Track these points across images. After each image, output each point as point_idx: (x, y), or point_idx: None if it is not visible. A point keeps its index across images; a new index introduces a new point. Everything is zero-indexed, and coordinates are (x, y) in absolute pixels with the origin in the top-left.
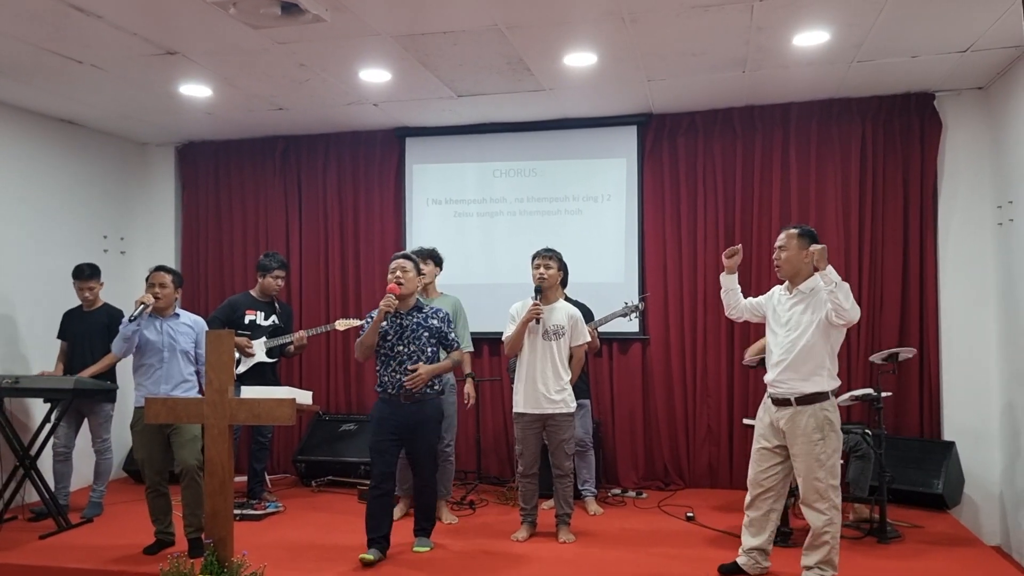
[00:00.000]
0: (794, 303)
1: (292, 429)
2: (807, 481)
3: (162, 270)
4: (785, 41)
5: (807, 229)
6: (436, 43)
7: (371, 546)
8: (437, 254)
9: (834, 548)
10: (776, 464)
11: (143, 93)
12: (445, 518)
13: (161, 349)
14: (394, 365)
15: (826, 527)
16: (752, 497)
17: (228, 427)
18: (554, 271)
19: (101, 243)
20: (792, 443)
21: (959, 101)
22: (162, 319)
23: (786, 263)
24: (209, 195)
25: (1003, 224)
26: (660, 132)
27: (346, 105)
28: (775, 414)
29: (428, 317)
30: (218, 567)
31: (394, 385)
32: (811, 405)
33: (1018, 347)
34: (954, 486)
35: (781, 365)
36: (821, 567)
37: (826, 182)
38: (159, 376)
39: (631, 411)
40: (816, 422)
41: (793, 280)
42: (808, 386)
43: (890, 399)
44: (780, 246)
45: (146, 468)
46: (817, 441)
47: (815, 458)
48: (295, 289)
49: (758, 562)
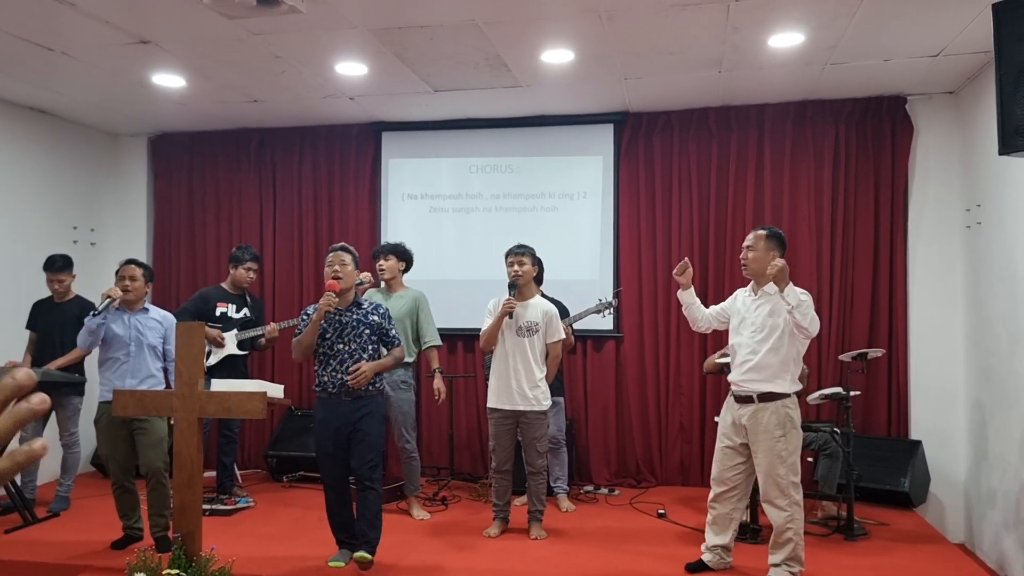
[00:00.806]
0: (760, 304)
1: (263, 424)
2: (768, 478)
3: (132, 263)
4: (760, 42)
5: (776, 231)
6: (413, 37)
7: (340, 547)
8: (401, 249)
9: (799, 544)
10: (740, 463)
11: (115, 82)
12: (416, 514)
13: (128, 343)
14: (334, 364)
15: (788, 523)
16: (716, 495)
17: (197, 420)
18: (528, 267)
19: (71, 234)
20: (754, 440)
21: (930, 105)
22: (130, 313)
23: (753, 262)
24: (182, 187)
25: (971, 227)
26: (636, 130)
27: (322, 98)
28: (737, 412)
29: (368, 313)
30: (186, 562)
31: (335, 384)
32: (773, 402)
33: (984, 348)
34: (920, 485)
35: (746, 366)
36: (788, 563)
37: (799, 183)
38: (124, 370)
39: (604, 408)
40: (778, 419)
41: (759, 281)
42: (772, 386)
43: (859, 398)
44: (748, 246)
45: (111, 465)
46: (779, 438)
47: (776, 455)
48: (268, 282)
49: (722, 558)
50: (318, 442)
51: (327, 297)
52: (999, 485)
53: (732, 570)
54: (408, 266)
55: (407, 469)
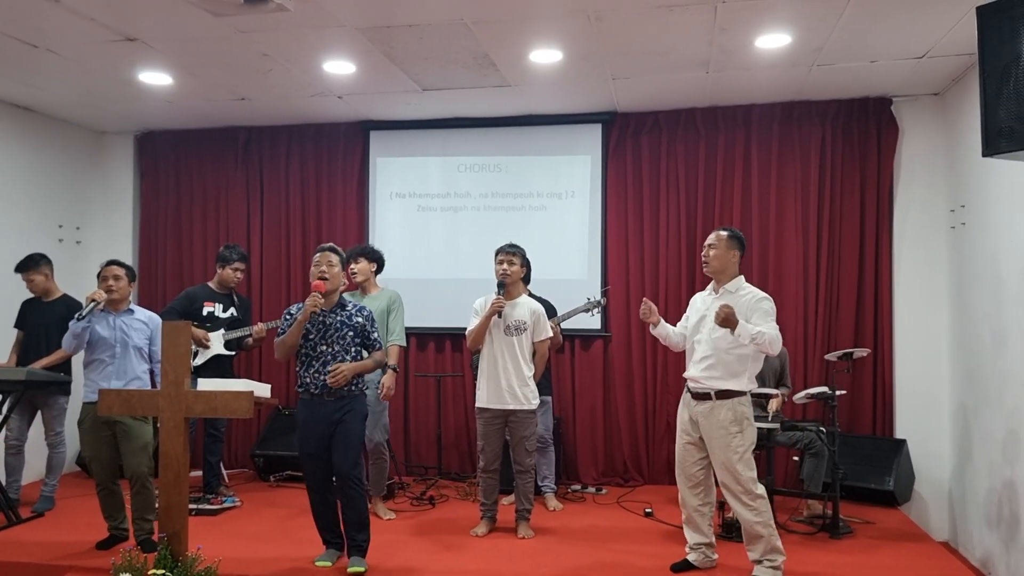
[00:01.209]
0: (720, 302)
1: (250, 423)
2: (727, 474)
3: (115, 264)
4: (748, 43)
5: (737, 233)
6: (402, 36)
7: (327, 547)
8: (371, 250)
9: (772, 535)
10: (702, 457)
11: (101, 80)
12: (383, 514)
13: (113, 344)
14: (317, 366)
15: (756, 519)
16: (685, 493)
17: (184, 420)
18: (517, 267)
19: (56, 232)
20: (709, 436)
21: (915, 106)
22: (115, 314)
23: (714, 259)
24: (169, 185)
25: (956, 227)
26: (624, 130)
27: (310, 97)
28: (694, 408)
29: (352, 315)
30: (172, 562)
31: (317, 385)
32: (729, 400)
33: (969, 348)
34: (905, 483)
35: (705, 363)
36: (768, 558)
37: (786, 183)
38: (110, 372)
39: (592, 408)
40: (734, 415)
41: (719, 279)
42: (729, 384)
43: (844, 397)
44: (710, 244)
45: (94, 466)
46: (735, 434)
47: (733, 451)
48: (255, 282)
49: (707, 556)
50: (301, 443)
51: (313, 298)
52: (983, 484)
53: (719, 568)
54: (380, 267)
55: (375, 469)
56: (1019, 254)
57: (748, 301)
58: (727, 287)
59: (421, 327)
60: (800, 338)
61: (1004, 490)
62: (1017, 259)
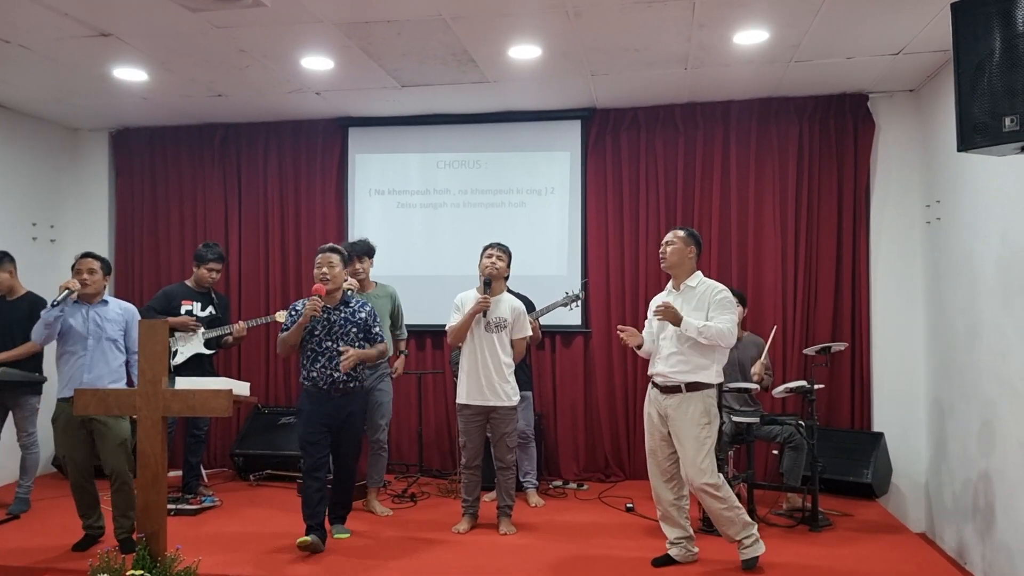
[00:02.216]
0: (683, 299)
1: (229, 422)
2: (693, 466)
3: (90, 256)
4: (726, 39)
5: (693, 232)
6: (380, 32)
7: (309, 532)
8: (370, 246)
9: (740, 512)
10: (673, 451)
11: (75, 76)
12: (379, 510)
13: (86, 336)
14: (323, 361)
15: (723, 505)
16: (660, 488)
17: (162, 419)
18: (504, 264)
19: (30, 230)
20: (678, 428)
21: (891, 102)
22: (88, 306)
23: (672, 255)
24: (145, 183)
25: (931, 222)
26: (604, 127)
27: (288, 93)
28: (664, 402)
29: (356, 311)
30: (150, 562)
31: (324, 380)
32: (699, 392)
33: (944, 342)
34: (883, 476)
35: (673, 359)
36: (743, 539)
37: (764, 179)
38: (82, 364)
39: (573, 403)
40: (704, 407)
41: (677, 276)
42: (699, 376)
43: (823, 391)
44: (667, 241)
45: (69, 465)
46: (704, 425)
47: (701, 442)
48: (234, 280)
49: (688, 550)
50: (305, 429)
51: (313, 303)
52: (958, 475)
53: (700, 561)
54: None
55: (375, 461)
56: (993, 248)
57: (706, 294)
58: (687, 283)
59: None
60: (778, 332)
61: (979, 482)
62: (991, 253)
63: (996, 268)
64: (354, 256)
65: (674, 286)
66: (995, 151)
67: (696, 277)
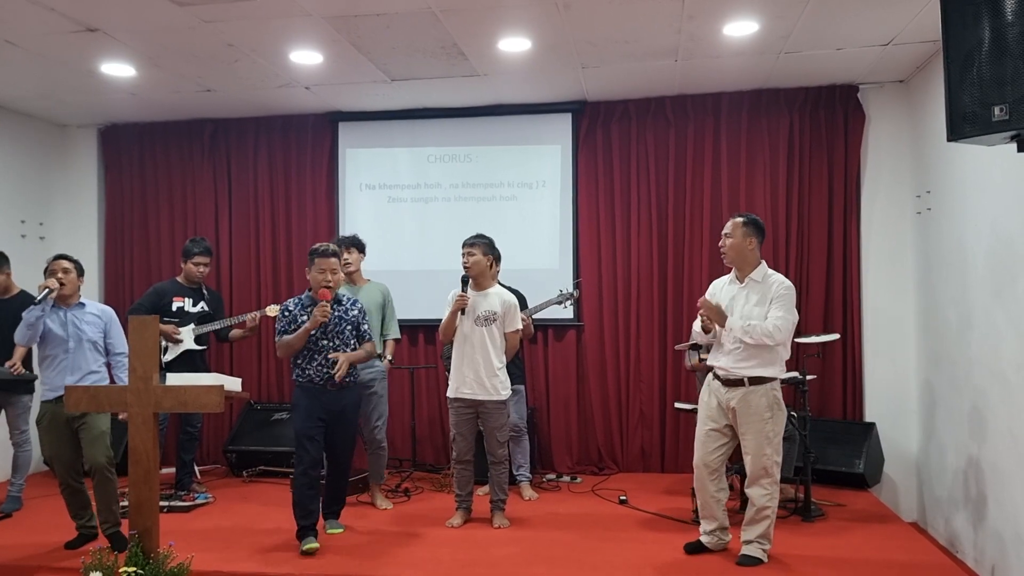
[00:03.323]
0: (746, 292)
1: (222, 419)
2: (756, 459)
3: (63, 258)
4: (716, 30)
5: (753, 218)
6: (369, 25)
7: (307, 534)
8: (359, 240)
9: (772, 522)
10: (723, 444)
11: (62, 72)
12: (380, 503)
13: (66, 339)
14: (319, 359)
15: (768, 502)
16: (701, 479)
17: (153, 415)
18: (478, 257)
19: (19, 228)
20: (743, 422)
21: (881, 93)
22: (65, 308)
23: (731, 250)
24: (134, 179)
25: (921, 213)
26: (594, 119)
27: (277, 88)
28: (725, 395)
29: (348, 310)
30: (143, 559)
31: (321, 377)
32: (763, 385)
33: (935, 332)
34: (874, 466)
35: (737, 353)
36: (760, 540)
37: (755, 170)
38: (64, 367)
39: (566, 397)
40: (768, 401)
41: (741, 268)
42: (763, 371)
43: (815, 382)
44: (726, 233)
45: (56, 465)
46: (768, 419)
47: (765, 436)
48: (225, 275)
49: (720, 539)
50: (303, 424)
51: (323, 308)
52: (950, 465)
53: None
54: (363, 256)
55: (375, 459)
56: (984, 238)
57: (771, 289)
58: (752, 276)
59: None
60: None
61: (970, 471)
62: (982, 243)
63: (987, 258)
64: (342, 247)
65: (738, 278)
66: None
67: (761, 270)
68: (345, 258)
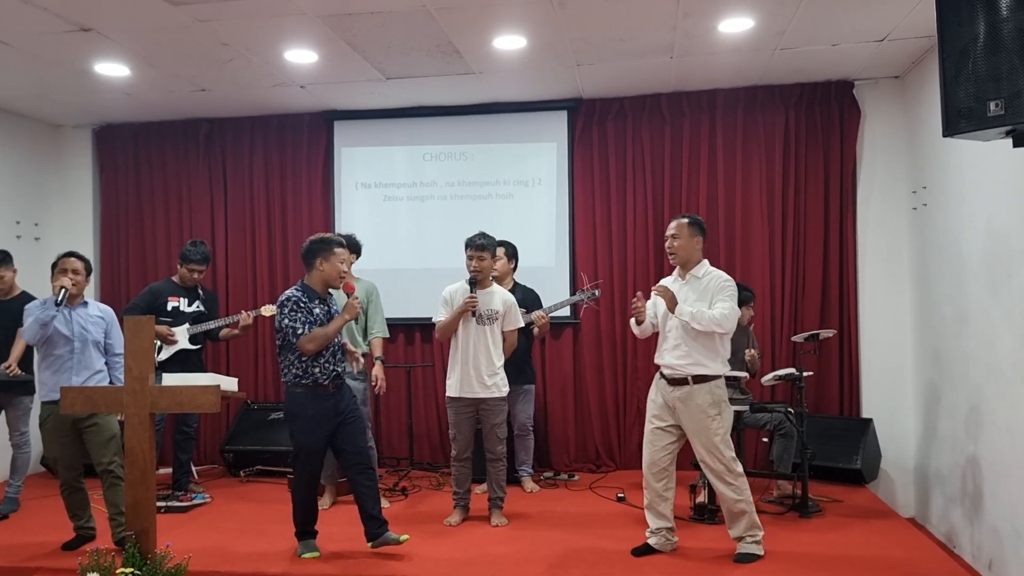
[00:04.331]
0: (688, 288)
1: (219, 419)
2: (709, 456)
3: (75, 256)
4: (711, 27)
5: (696, 218)
6: (364, 24)
7: (306, 537)
8: (355, 240)
9: (752, 512)
10: (671, 443)
11: (56, 72)
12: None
13: (72, 339)
14: (327, 355)
15: (738, 497)
16: (650, 477)
17: (149, 416)
18: (487, 262)
19: (14, 229)
20: (688, 421)
21: (877, 89)
22: (71, 308)
23: (679, 250)
24: (129, 179)
25: (917, 209)
26: (590, 117)
27: (272, 87)
28: (671, 394)
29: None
30: (140, 560)
31: (327, 375)
32: (706, 383)
33: (932, 328)
34: (872, 462)
35: (679, 349)
36: (751, 533)
37: (751, 167)
38: (69, 368)
39: (563, 395)
40: (712, 398)
41: (685, 266)
42: (705, 368)
43: (811, 378)
44: (673, 234)
45: (59, 467)
46: (714, 416)
47: (713, 433)
48: (221, 275)
49: (668, 539)
50: (310, 437)
51: (354, 303)
52: (947, 460)
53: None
54: (358, 256)
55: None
56: (979, 234)
57: (712, 284)
58: (693, 272)
59: (390, 318)
60: (767, 320)
61: (968, 466)
62: (978, 239)
63: (982, 254)
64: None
65: (681, 275)
66: (980, 136)
67: (703, 267)
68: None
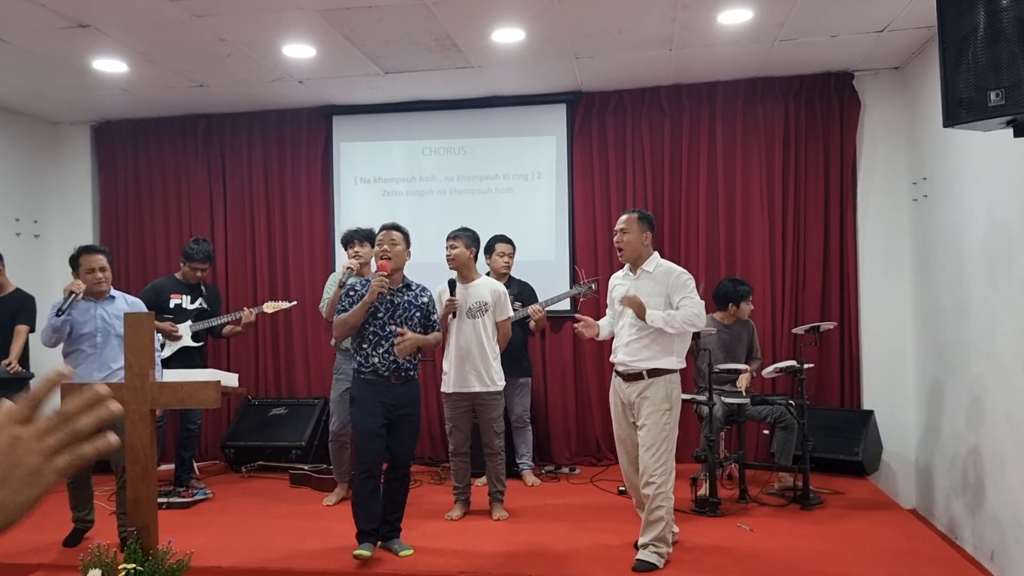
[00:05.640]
0: (640, 284)
1: (221, 415)
2: (650, 451)
3: (95, 251)
4: (710, 19)
5: (645, 212)
6: (362, 18)
7: (364, 539)
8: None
9: (669, 523)
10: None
11: (54, 68)
12: None
13: (94, 334)
14: (387, 345)
15: (660, 498)
16: (631, 475)
17: (150, 412)
18: (460, 250)
19: (13, 226)
20: (641, 414)
21: (876, 80)
22: (96, 303)
23: (628, 245)
24: (128, 176)
25: (918, 200)
26: (589, 110)
27: (270, 82)
28: (627, 390)
29: (418, 295)
30: (142, 556)
31: (387, 366)
32: (662, 376)
33: (932, 319)
34: (873, 453)
35: (633, 346)
36: (655, 544)
37: (751, 159)
38: (91, 362)
39: (563, 388)
40: (666, 391)
41: (635, 261)
42: (660, 363)
43: (812, 370)
44: (621, 229)
45: None
46: (665, 411)
47: (661, 428)
48: (221, 271)
49: None
50: (365, 421)
51: (380, 278)
52: (948, 451)
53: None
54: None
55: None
56: (979, 225)
57: (665, 278)
58: (644, 267)
59: None
60: (768, 312)
61: (969, 457)
62: (978, 230)
63: (983, 244)
64: (355, 240)
65: (631, 270)
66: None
67: (653, 260)
68: (357, 251)
